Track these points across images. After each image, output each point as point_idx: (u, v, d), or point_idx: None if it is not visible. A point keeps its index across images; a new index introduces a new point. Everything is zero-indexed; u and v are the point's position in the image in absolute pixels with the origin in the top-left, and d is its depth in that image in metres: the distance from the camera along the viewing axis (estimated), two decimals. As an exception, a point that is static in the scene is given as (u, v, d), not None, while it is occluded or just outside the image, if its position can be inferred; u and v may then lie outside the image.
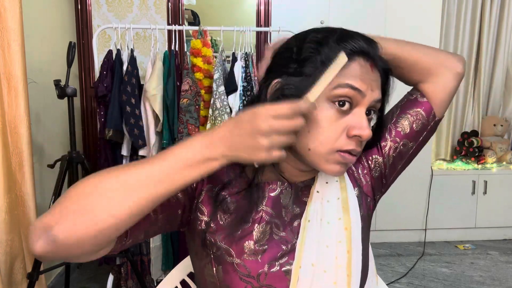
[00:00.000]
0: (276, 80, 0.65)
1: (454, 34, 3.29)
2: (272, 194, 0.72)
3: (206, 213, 0.70)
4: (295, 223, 0.71)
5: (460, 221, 3.08)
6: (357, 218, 0.73)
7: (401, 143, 0.78)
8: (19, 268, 1.66)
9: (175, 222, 0.70)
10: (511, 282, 2.46)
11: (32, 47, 2.00)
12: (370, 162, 0.79)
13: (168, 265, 2.08)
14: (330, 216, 0.71)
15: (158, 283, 1.16)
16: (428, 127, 0.79)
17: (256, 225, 0.69)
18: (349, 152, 0.63)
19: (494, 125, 3.36)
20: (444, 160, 3.39)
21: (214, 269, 0.69)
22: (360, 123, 0.62)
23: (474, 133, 3.33)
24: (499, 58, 3.35)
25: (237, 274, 0.67)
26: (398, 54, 0.78)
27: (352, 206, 0.73)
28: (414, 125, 0.78)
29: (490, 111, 3.47)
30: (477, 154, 3.22)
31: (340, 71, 0.60)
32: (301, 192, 0.74)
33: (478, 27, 3.29)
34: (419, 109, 0.78)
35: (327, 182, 0.74)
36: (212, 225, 0.69)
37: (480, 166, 3.17)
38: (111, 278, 2.13)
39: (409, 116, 0.78)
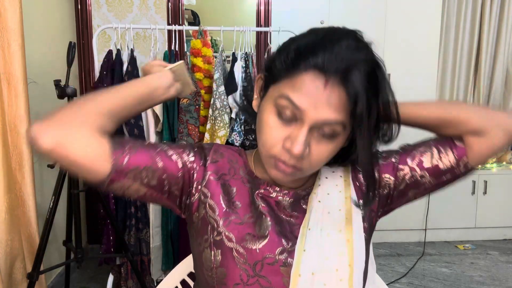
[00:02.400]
0: (259, 75, 0.72)
1: (454, 34, 3.29)
2: (266, 197, 0.73)
3: (209, 196, 0.71)
4: (295, 227, 0.71)
5: (460, 221, 3.08)
6: (360, 230, 0.72)
7: (419, 173, 0.74)
8: (19, 268, 1.66)
9: (176, 191, 0.71)
10: (511, 282, 2.46)
11: (32, 47, 2.00)
12: (380, 178, 0.76)
13: (168, 265, 2.08)
14: (330, 228, 0.70)
15: (158, 283, 1.16)
16: (454, 171, 0.74)
17: (258, 219, 0.70)
18: (283, 162, 0.64)
19: (494, 125, 3.36)
20: (444, 160, 3.39)
21: (213, 253, 0.69)
22: (294, 138, 0.62)
23: (474, 133, 3.33)
24: (499, 58, 3.35)
25: (234, 260, 0.67)
26: (443, 116, 0.73)
27: (355, 217, 0.72)
28: (439, 162, 0.73)
29: (490, 111, 3.47)
30: (477, 154, 3.22)
31: (291, 81, 0.61)
32: (302, 200, 0.74)
33: (478, 27, 3.30)
34: (451, 151, 0.73)
35: (328, 194, 0.74)
36: (215, 209, 0.70)
37: (480, 166, 3.17)
38: (111, 278, 2.13)
39: (439, 151, 0.74)
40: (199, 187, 0.72)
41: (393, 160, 0.76)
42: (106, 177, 0.62)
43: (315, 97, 0.60)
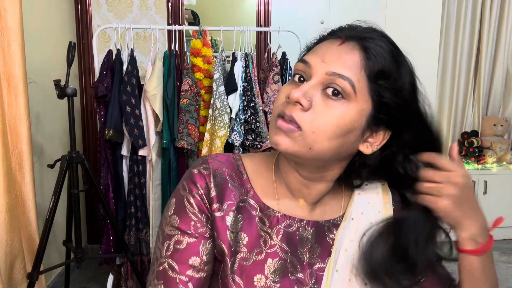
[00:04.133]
0: None
1: (454, 34, 3.29)
2: (287, 230, 0.65)
3: (216, 236, 0.63)
4: (316, 266, 0.65)
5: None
6: None
7: None
8: (19, 268, 1.66)
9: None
10: (511, 282, 2.46)
11: (32, 47, 2.00)
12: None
13: (168, 265, 2.08)
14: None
15: (158, 283, 1.16)
16: None
17: (269, 259, 0.63)
18: (281, 116, 0.58)
19: (494, 125, 3.36)
20: (444, 160, 3.39)
21: None
22: (296, 87, 0.58)
23: (474, 133, 3.33)
24: (499, 58, 3.35)
25: None
26: None
27: None
28: None
29: (490, 111, 3.47)
30: (477, 154, 3.22)
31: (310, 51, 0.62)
32: (327, 232, 0.67)
33: (478, 27, 3.30)
34: None
35: (364, 234, 0.65)
36: (224, 250, 0.63)
37: (480, 166, 3.17)
38: (111, 278, 2.13)
39: None
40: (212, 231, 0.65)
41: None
42: None
43: (326, 52, 0.58)
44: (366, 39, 0.58)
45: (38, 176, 1.98)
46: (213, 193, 0.63)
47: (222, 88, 1.97)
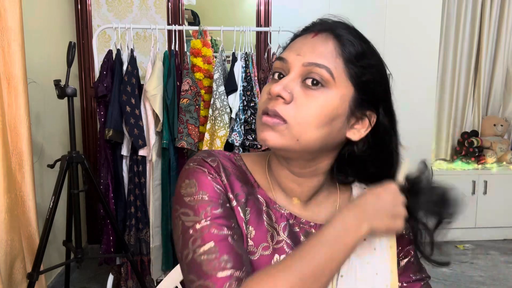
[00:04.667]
0: None
1: (454, 34, 3.29)
2: (292, 228, 0.66)
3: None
4: None
5: (460, 221, 3.05)
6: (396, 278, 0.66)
7: None
8: (19, 268, 1.66)
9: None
10: (511, 282, 2.46)
11: (32, 47, 2.00)
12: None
13: (168, 265, 2.08)
14: (371, 280, 0.64)
15: (158, 283, 1.16)
16: None
17: (276, 255, 0.63)
18: (266, 113, 0.59)
19: (494, 125, 3.36)
20: (444, 160, 3.39)
21: None
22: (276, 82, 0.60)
23: (474, 133, 3.33)
24: (499, 58, 3.35)
25: None
26: None
27: (393, 265, 0.66)
28: None
29: (490, 111, 3.47)
30: (477, 154, 3.22)
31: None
32: None
33: (478, 27, 3.30)
34: None
35: (365, 239, 0.62)
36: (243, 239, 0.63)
37: (480, 166, 3.17)
38: (111, 278, 2.13)
39: None
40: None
41: (408, 268, 0.70)
42: None
43: (301, 46, 0.61)
44: (337, 29, 0.62)
45: (38, 176, 1.98)
46: (225, 181, 0.63)
47: (222, 88, 1.97)
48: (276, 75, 0.62)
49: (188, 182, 0.61)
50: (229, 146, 2.01)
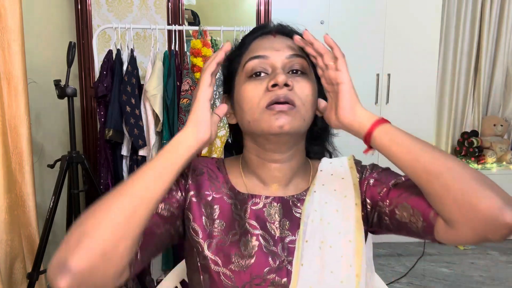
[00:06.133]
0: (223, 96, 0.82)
1: (454, 34, 3.29)
2: (254, 208, 0.71)
3: (191, 219, 0.70)
4: (287, 239, 0.69)
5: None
6: (362, 237, 0.69)
7: (388, 221, 0.69)
8: (19, 268, 1.66)
9: (176, 235, 0.71)
10: (511, 282, 2.46)
11: (32, 47, 2.00)
12: (365, 195, 0.73)
13: (168, 265, 2.08)
14: (334, 239, 0.67)
15: (158, 283, 1.16)
16: (420, 237, 0.68)
17: (243, 238, 0.68)
18: (276, 102, 0.66)
19: (494, 125, 3.36)
20: (444, 160, 3.39)
21: (202, 277, 0.68)
22: (274, 76, 0.67)
23: (474, 133, 3.33)
24: (499, 58, 3.35)
25: (222, 283, 0.66)
26: (424, 180, 0.59)
27: (358, 223, 0.69)
28: (409, 225, 0.66)
29: (490, 111, 3.47)
30: (477, 154, 3.22)
31: (247, 53, 0.72)
32: (293, 206, 0.72)
33: (478, 27, 3.30)
34: (421, 223, 0.64)
35: (326, 202, 0.70)
36: (198, 232, 0.69)
37: (480, 166, 3.17)
38: (111, 278, 2.13)
39: (413, 214, 0.65)
40: (184, 210, 0.72)
41: (379, 192, 0.71)
42: (128, 276, 0.60)
43: (272, 45, 0.71)
44: (284, 27, 0.75)
45: (38, 176, 1.98)
46: (190, 182, 0.72)
47: (222, 88, 1.97)
48: (255, 75, 0.69)
49: None
50: (229, 146, 2.01)
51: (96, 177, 1.85)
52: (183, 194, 0.72)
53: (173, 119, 1.98)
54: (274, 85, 0.66)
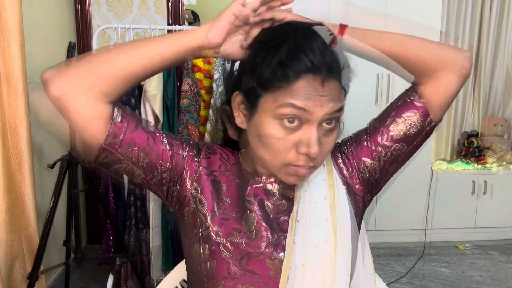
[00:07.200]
0: (236, 92, 0.74)
1: (454, 34, 3.29)
2: (254, 186, 0.75)
3: (199, 191, 0.73)
4: (281, 219, 0.74)
5: (460, 221, 3.07)
6: (346, 216, 0.73)
7: (393, 147, 0.76)
8: (19, 268, 1.66)
9: (156, 178, 0.72)
10: (511, 282, 2.46)
11: (32, 47, 2.00)
12: (358, 162, 0.78)
13: (168, 265, 2.08)
14: (319, 217, 0.72)
15: (158, 283, 1.16)
16: (423, 132, 0.75)
17: (244, 214, 0.72)
18: (301, 166, 0.67)
19: (494, 125, 3.36)
20: (444, 160, 3.39)
21: (201, 247, 0.71)
22: (308, 140, 0.64)
23: (474, 133, 3.33)
24: (499, 58, 3.35)
25: (221, 254, 0.69)
26: (401, 55, 0.75)
27: (340, 204, 0.73)
28: (408, 130, 0.75)
29: (490, 111, 3.47)
30: (477, 154, 3.22)
31: (287, 89, 0.63)
32: (288, 189, 0.75)
33: (478, 27, 3.29)
34: (415, 113, 0.74)
35: (314, 183, 0.75)
36: (204, 203, 0.72)
37: (480, 166, 3.17)
38: (111, 278, 2.13)
39: (404, 120, 0.75)
40: (192, 181, 0.73)
41: (366, 143, 0.77)
42: (99, 145, 0.64)
43: (317, 96, 0.64)
44: (334, 66, 0.66)
45: (38, 176, 1.98)
46: (202, 157, 0.74)
47: (222, 89, 1.97)
48: (287, 121, 0.65)
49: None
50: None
51: (96, 177, 1.85)
52: (193, 161, 0.73)
53: (173, 120, 1.98)
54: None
